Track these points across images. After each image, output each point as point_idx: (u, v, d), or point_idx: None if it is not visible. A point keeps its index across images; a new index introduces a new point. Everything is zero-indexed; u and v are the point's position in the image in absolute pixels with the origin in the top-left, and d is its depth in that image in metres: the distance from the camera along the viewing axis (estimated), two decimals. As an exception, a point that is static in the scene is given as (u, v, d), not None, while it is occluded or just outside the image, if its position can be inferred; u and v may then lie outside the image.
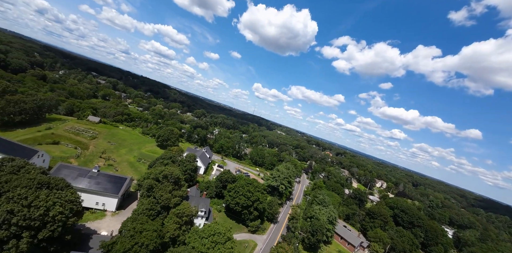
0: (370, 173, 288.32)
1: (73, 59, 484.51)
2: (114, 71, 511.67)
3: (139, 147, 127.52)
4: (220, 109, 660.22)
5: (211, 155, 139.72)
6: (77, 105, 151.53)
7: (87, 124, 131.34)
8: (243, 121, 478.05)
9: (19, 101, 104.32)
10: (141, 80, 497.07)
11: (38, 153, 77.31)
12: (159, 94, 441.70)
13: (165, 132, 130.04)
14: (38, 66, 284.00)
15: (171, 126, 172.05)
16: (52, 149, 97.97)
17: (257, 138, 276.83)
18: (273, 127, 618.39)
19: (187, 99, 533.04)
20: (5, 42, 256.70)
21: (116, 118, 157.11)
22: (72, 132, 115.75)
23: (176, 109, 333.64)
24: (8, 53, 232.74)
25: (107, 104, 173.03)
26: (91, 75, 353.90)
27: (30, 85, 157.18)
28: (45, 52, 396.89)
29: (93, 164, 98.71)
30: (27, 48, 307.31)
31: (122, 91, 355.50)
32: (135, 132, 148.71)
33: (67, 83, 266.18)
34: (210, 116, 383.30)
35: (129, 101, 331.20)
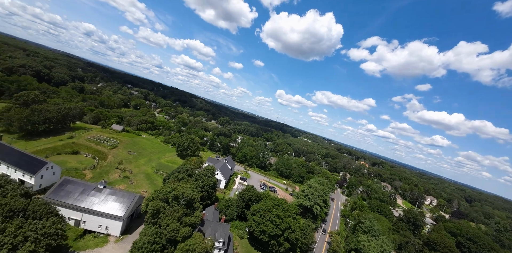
0: (416, 187, 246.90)
1: (112, 73, 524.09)
2: (147, 83, 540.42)
3: (159, 157, 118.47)
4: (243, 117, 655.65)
5: (233, 166, 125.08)
6: (105, 114, 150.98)
7: (110, 133, 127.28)
8: (266, 128, 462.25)
9: (43, 110, 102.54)
10: (171, 90, 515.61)
11: (46, 165, 70.21)
12: (186, 103, 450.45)
13: (185, 141, 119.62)
14: (79, 80, 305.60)
15: (194, 134, 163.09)
16: (69, 159, 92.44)
17: (282, 146, 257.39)
18: (298, 134, 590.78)
19: (212, 108, 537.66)
20: (51, 58, 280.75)
21: (140, 127, 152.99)
22: (93, 141, 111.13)
23: (201, 117, 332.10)
24: (52, 68, 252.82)
25: (133, 113, 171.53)
26: (126, 87, 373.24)
27: (64, 96, 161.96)
28: (88, 67, 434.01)
29: (108, 176, 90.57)
30: (71, 64, 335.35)
31: (153, 101, 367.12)
32: (157, 141, 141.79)
33: (103, 94, 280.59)
34: (234, 124, 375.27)
35: (158, 110, 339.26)
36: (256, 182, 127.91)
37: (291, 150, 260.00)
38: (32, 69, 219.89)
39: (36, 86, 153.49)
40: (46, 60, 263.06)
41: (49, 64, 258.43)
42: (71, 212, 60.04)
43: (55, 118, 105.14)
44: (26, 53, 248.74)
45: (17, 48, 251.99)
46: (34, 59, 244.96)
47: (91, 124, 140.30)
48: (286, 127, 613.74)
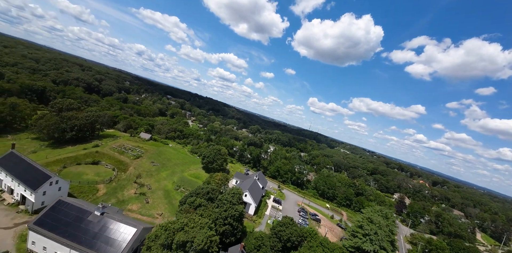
0: (497, 216, 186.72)
1: (156, 85, 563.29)
2: (185, 94, 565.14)
3: (183, 170, 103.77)
4: (274, 125, 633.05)
5: (265, 184, 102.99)
6: (137, 122, 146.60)
7: (137, 142, 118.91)
8: (299, 137, 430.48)
9: (72, 117, 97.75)
10: (205, 100, 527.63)
11: (50, 180, 59.22)
12: (219, 112, 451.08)
13: (211, 152, 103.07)
14: (125, 91, 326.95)
15: (223, 143, 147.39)
16: (87, 171, 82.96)
17: (319, 158, 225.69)
18: (334, 144, 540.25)
19: (243, 116, 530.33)
20: (103, 73, 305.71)
21: (169, 135, 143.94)
22: (117, 150, 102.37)
23: (232, 126, 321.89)
24: (102, 81, 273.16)
25: (164, 121, 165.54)
26: (166, 98, 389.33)
27: (103, 105, 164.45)
28: (135, 81, 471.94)
29: (123, 192, 77.68)
30: (120, 78, 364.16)
31: (188, 110, 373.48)
32: (184, 151, 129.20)
33: (143, 104, 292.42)
34: (265, 132, 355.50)
35: (192, 119, 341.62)
36: (293, 205, 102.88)
37: (330, 164, 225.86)
38: (84, 81, 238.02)
39: (79, 95, 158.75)
40: (98, 74, 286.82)
41: (99, 77, 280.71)
42: (57, 247, 45.80)
43: (82, 126, 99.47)
44: (81, 68, 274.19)
45: (75, 64, 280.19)
46: (87, 73, 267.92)
47: (123, 131, 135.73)
48: (321, 137, 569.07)
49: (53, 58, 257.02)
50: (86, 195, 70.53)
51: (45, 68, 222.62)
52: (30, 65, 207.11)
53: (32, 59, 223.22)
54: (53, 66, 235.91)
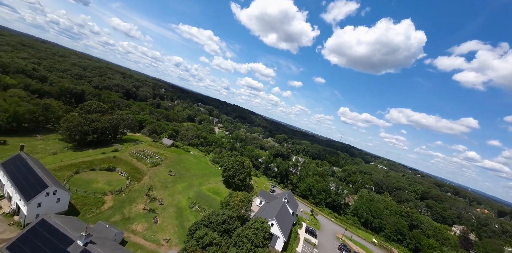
0: None
1: (188, 93, 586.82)
2: (214, 101, 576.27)
3: (201, 182, 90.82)
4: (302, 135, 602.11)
5: (295, 208, 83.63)
6: (163, 126, 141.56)
7: (158, 147, 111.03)
8: (330, 149, 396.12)
9: (95, 120, 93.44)
10: (233, 107, 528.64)
11: (46, 190, 50.45)
12: (245, 120, 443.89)
13: (234, 164, 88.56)
14: (160, 98, 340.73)
15: (247, 153, 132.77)
16: (99, 178, 74.87)
17: (356, 175, 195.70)
18: (369, 158, 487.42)
19: (270, 124, 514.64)
20: (142, 80, 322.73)
21: (192, 142, 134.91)
22: (136, 156, 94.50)
23: (257, 134, 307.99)
24: (140, 88, 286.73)
25: (189, 127, 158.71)
26: (196, 104, 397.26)
27: (134, 109, 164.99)
28: (170, 88, 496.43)
29: (131, 207, 66.68)
30: (156, 85, 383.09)
31: (216, 116, 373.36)
32: (205, 160, 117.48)
33: (174, 110, 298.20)
34: (292, 142, 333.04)
35: (219, 126, 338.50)
36: (331, 238, 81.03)
37: (370, 183, 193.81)
38: (123, 87, 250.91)
39: (113, 99, 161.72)
40: (136, 81, 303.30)
41: (138, 84, 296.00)
42: (23, 287, 34.44)
43: (104, 129, 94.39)
44: (123, 76, 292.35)
45: (117, 72, 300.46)
46: (127, 80, 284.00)
47: (148, 136, 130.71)
48: (353, 150, 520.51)
49: (99, 67, 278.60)
50: (89, 208, 60.89)
51: (91, 75, 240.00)
52: (78, 72, 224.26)
53: (80, 66, 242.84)
54: (98, 73, 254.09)
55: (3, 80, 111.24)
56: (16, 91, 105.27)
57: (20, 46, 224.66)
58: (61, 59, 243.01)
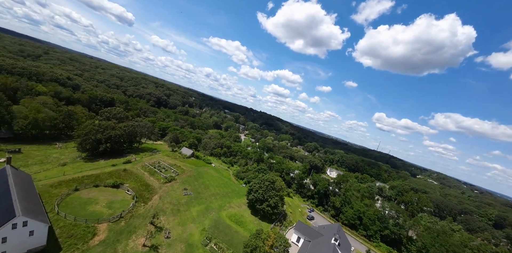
0: None
1: (216, 101, 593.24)
2: (241, 108, 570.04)
3: (221, 205, 71.45)
4: (333, 143, 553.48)
5: (348, 250, 57.93)
6: (185, 134, 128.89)
7: (176, 158, 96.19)
8: (368, 160, 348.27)
9: (108, 127, 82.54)
10: (259, 114, 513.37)
11: (12, 221, 36.22)
12: (272, 127, 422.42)
13: (261, 184, 67.39)
14: (188, 105, 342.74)
15: (277, 166, 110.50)
16: (100, 197, 60.76)
17: (409, 195, 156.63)
18: (415, 171, 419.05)
19: (297, 132, 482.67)
20: (173, 89, 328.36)
21: (214, 151, 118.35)
22: (149, 169, 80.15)
23: (286, 142, 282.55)
24: (170, 96, 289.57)
25: (213, 134, 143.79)
26: (223, 112, 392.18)
27: (160, 116, 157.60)
28: (200, 97, 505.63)
29: (128, 242, 49.69)
30: (186, 94, 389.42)
31: (242, 123, 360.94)
32: (228, 174, 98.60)
33: (202, 117, 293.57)
34: (324, 151, 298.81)
35: (245, 133, 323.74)
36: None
37: (429, 205, 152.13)
38: (155, 96, 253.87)
39: (140, 106, 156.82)
40: (168, 90, 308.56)
41: (169, 93, 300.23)
42: None
43: (118, 137, 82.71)
44: (156, 85, 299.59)
45: (151, 82, 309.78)
46: (159, 89, 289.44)
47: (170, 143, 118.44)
48: (395, 160, 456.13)
49: (135, 77, 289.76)
50: (74, 242, 45.48)
51: (127, 84, 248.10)
52: (115, 82, 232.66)
53: (118, 77, 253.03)
54: (133, 83, 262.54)
55: (35, 88, 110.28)
56: (43, 98, 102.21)
57: (68, 60, 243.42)
58: (102, 71, 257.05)
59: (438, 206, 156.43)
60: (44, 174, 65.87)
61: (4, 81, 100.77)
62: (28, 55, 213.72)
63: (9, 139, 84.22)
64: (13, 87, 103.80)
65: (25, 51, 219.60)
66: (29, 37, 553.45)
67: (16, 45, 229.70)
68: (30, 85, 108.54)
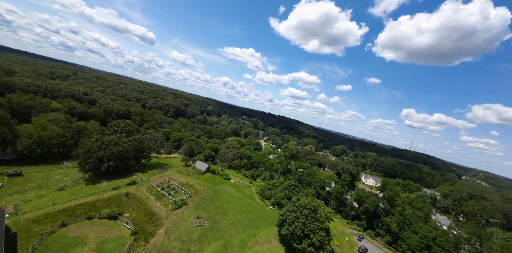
0: None
1: (234, 108, 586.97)
2: (258, 113, 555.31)
3: (244, 240, 53.23)
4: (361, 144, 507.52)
5: None
6: (201, 145, 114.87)
7: (190, 175, 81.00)
8: (404, 161, 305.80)
9: (111, 142, 70.37)
10: (278, 118, 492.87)
11: None
12: (293, 130, 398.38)
13: (298, 213, 47.94)
14: (207, 114, 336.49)
15: (309, 179, 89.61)
16: (92, 234, 46.51)
17: (471, 205, 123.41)
18: (459, 171, 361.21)
19: (320, 134, 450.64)
20: (191, 99, 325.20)
21: (234, 163, 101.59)
22: (156, 192, 65.45)
23: (310, 146, 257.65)
24: (188, 106, 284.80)
25: (231, 143, 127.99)
26: (241, 118, 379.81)
27: (176, 126, 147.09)
28: (218, 105, 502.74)
29: None
30: (205, 103, 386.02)
31: (261, 129, 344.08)
32: (250, 192, 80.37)
33: (220, 124, 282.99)
34: (354, 155, 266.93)
35: (265, 138, 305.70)
36: None
37: (497, 215, 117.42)
38: (173, 106, 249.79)
39: (155, 117, 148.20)
40: (186, 100, 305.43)
41: (187, 103, 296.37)
42: None
43: (122, 153, 70.05)
44: (174, 96, 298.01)
45: (170, 93, 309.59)
46: (178, 100, 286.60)
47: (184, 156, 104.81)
48: (433, 160, 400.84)
49: (155, 90, 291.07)
50: None
51: (146, 97, 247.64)
52: (136, 96, 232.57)
53: (139, 91, 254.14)
54: (152, 96, 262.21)
55: (49, 105, 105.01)
56: (54, 115, 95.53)
57: (94, 79, 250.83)
58: (124, 86, 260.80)
59: (506, 216, 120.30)
60: (34, 203, 54.26)
61: (17, 100, 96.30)
62: (58, 76, 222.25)
63: (13, 160, 76.40)
64: (27, 105, 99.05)
65: (55, 73, 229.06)
66: (65, 62, 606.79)
67: (48, 68, 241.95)
68: (44, 102, 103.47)
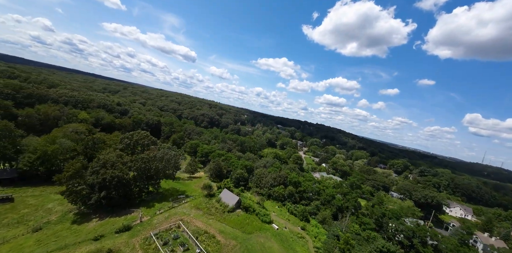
0: None
1: (268, 117, 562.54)
2: (294, 122, 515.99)
3: None
4: (419, 156, 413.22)
5: None
6: (232, 161, 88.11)
7: (211, 214, 53.04)
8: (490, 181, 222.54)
9: (107, 164, 48.59)
10: (316, 127, 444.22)
11: None
12: (334, 140, 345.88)
13: None
14: (241, 123, 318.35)
15: (388, 213, 51.39)
16: None
17: None
18: None
19: (368, 145, 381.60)
20: (226, 108, 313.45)
21: (274, 192, 70.22)
22: (154, 247, 39.29)
23: (362, 160, 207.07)
24: (222, 115, 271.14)
25: (268, 161, 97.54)
26: (276, 127, 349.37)
27: (205, 137, 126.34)
28: (251, 114, 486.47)
29: None
30: (239, 112, 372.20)
31: (299, 139, 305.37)
32: (305, 249, 47.31)
33: (254, 134, 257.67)
34: (420, 172, 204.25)
35: (304, 150, 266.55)
36: None
37: None
38: (208, 116, 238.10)
39: (185, 127, 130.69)
40: (220, 109, 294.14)
41: (221, 112, 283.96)
42: None
43: (118, 180, 47.27)
44: (209, 106, 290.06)
45: (205, 103, 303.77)
46: (213, 110, 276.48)
47: (210, 178, 79.25)
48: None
49: (192, 101, 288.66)
50: None
51: (183, 108, 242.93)
52: (173, 106, 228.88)
53: (177, 102, 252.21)
54: (189, 106, 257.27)
55: (77, 115, 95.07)
56: (75, 126, 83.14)
57: (140, 92, 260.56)
58: (164, 98, 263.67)
59: None
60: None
61: (45, 110, 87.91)
62: (109, 91, 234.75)
63: (14, 179, 62.27)
64: (55, 115, 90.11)
65: (108, 89, 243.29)
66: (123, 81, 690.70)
67: (103, 84, 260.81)
68: (72, 112, 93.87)
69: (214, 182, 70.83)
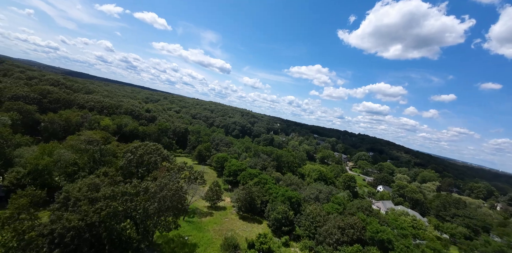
0: None
1: (302, 126, 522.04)
2: (332, 131, 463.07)
3: None
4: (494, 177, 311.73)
5: None
6: (268, 186, 62.24)
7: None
8: None
9: (77, 201, 28.26)
10: (360, 137, 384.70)
11: None
12: (383, 154, 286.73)
13: None
14: (274, 132, 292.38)
15: None
16: None
17: None
18: None
19: (425, 161, 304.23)
20: (258, 116, 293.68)
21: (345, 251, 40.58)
22: None
23: (433, 183, 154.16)
24: (255, 124, 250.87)
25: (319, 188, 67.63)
26: (313, 137, 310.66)
27: (235, 148, 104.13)
28: (284, 123, 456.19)
29: None
30: (271, 120, 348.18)
31: (342, 151, 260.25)
32: None
33: (289, 145, 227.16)
34: (509, 200, 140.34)
35: (350, 165, 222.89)
36: None
37: None
38: (239, 124, 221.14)
39: (213, 136, 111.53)
40: (252, 117, 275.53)
41: (253, 121, 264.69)
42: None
43: (94, 228, 25.84)
44: (241, 114, 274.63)
45: (237, 111, 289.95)
46: (244, 118, 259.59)
47: (237, 212, 54.50)
48: None
49: (224, 109, 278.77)
50: None
51: (215, 116, 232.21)
52: (205, 114, 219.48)
53: (209, 110, 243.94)
54: (221, 114, 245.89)
55: (100, 122, 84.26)
56: (88, 133, 70.50)
57: (177, 101, 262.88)
58: (198, 106, 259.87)
59: None
60: None
61: (67, 116, 78.84)
62: (150, 100, 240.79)
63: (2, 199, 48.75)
64: (77, 121, 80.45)
65: (150, 98, 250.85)
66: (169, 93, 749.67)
67: (146, 94, 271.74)
68: (94, 118, 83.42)
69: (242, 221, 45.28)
